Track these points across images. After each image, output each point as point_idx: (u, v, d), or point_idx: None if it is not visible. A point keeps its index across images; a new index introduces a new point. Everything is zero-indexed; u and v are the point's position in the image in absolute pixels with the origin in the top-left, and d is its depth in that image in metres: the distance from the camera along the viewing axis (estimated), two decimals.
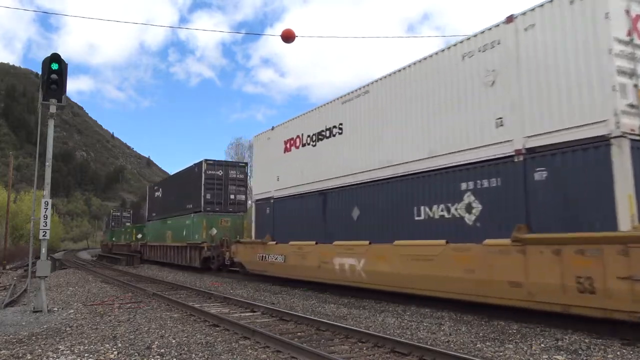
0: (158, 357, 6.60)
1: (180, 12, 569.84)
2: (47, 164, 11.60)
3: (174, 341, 7.57)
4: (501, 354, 6.55)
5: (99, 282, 19.18)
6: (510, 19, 9.13)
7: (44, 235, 11.51)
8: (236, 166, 24.93)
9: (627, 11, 7.84)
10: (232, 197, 23.79)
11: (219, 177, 23.56)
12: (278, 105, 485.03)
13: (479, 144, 9.45)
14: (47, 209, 11.46)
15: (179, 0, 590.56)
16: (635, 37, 7.85)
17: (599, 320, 7.35)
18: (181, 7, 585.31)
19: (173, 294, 14.21)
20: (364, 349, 6.95)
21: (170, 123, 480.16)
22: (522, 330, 8.02)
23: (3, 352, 7.02)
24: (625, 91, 7.57)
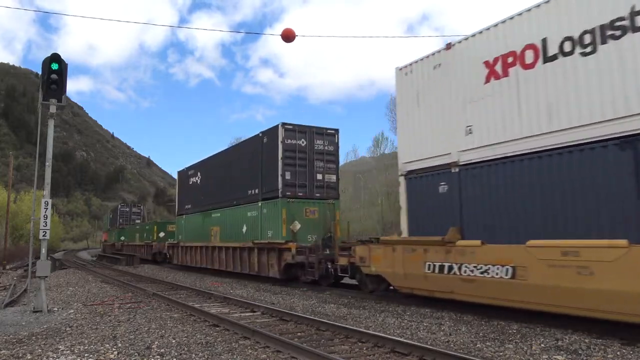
0: (158, 357, 6.60)
1: (180, 13, 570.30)
2: (47, 164, 11.61)
3: (174, 341, 7.57)
4: (501, 354, 6.55)
5: (99, 282, 19.20)
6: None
7: (44, 235, 11.51)
8: (323, 134, 17.47)
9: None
10: (319, 177, 17.15)
11: (301, 149, 16.82)
12: (277, 106, 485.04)
13: None
14: (47, 209, 11.46)
15: (178, 1, 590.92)
16: None
17: (599, 320, 7.41)
18: (181, 7, 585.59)
19: (173, 294, 14.22)
20: (364, 349, 6.96)
21: (170, 123, 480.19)
22: (522, 330, 8.02)
23: (3, 352, 7.02)
24: None
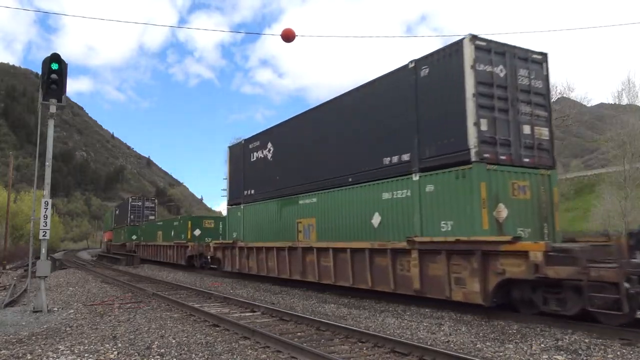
0: (158, 357, 6.60)
1: (180, 14, 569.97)
2: (47, 164, 11.61)
3: (174, 341, 7.57)
4: (501, 354, 6.55)
5: (99, 282, 19.19)
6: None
7: (44, 235, 11.51)
8: (527, 60, 10.60)
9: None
10: (526, 130, 10.36)
11: (501, 83, 10.10)
12: (277, 106, 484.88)
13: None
14: (47, 209, 11.47)
15: (178, 2, 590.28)
16: None
17: (599, 320, 7.46)
18: (180, 8, 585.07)
19: (173, 294, 14.22)
20: (364, 349, 6.96)
21: (170, 123, 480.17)
22: (522, 330, 8.01)
23: (3, 352, 7.02)
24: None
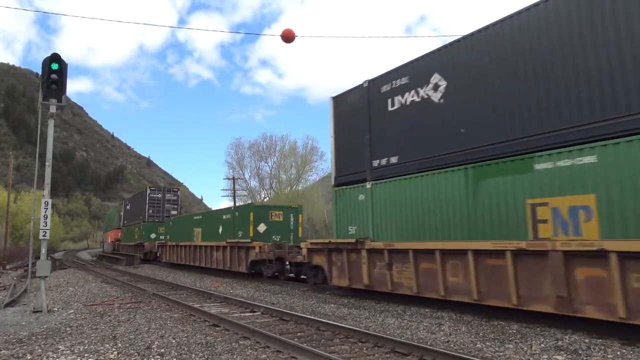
0: (158, 357, 6.60)
1: (179, 14, 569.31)
2: (47, 164, 11.61)
3: (174, 341, 7.57)
4: (501, 354, 6.55)
5: (99, 282, 19.18)
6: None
7: (44, 235, 11.51)
8: None
9: None
10: None
11: None
12: (276, 106, 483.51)
13: None
14: (47, 209, 11.46)
15: (177, 2, 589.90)
16: None
17: (599, 320, 7.41)
18: (180, 8, 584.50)
19: (173, 294, 14.22)
20: (364, 349, 6.96)
21: (170, 124, 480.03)
22: (522, 330, 8.02)
23: (3, 352, 7.02)
24: None
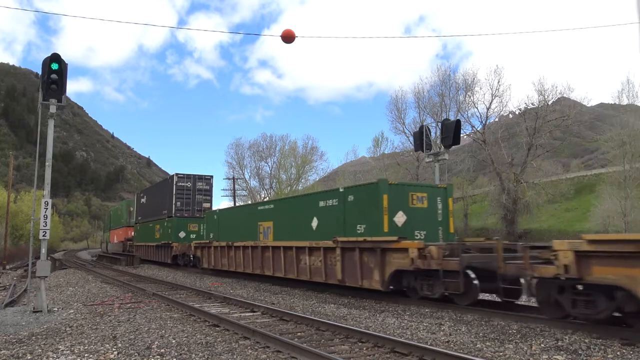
0: (158, 357, 6.60)
1: (179, 14, 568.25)
2: (47, 164, 11.60)
3: (174, 341, 7.57)
4: (501, 354, 6.55)
5: (99, 282, 19.18)
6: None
7: (44, 235, 11.51)
8: None
9: None
10: None
11: None
12: (276, 107, 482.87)
13: None
14: (47, 209, 11.46)
15: (177, 3, 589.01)
16: None
17: (599, 320, 7.46)
18: (179, 9, 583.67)
19: (173, 294, 14.22)
20: (364, 349, 6.96)
21: (170, 124, 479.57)
22: (522, 330, 8.02)
23: (3, 352, 7.02)
24: None
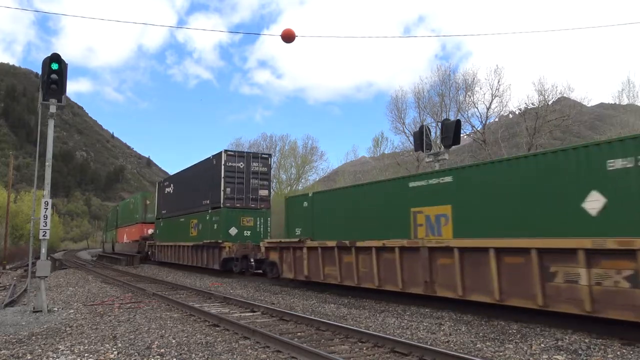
0: (158, 357, 6.60)
1: (178, 15, 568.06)
2: (47, 164, 11.60)
3: (174, 341, 7.57)
4: (501, 354, 6.55)
5: (99, 282, 19.18)
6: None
7: (44, 235, 11.50)
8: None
9: None
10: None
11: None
12: (275, 107, 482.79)
13: None
14: (47, 209, 11.45)
15: (176, 3, 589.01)
16: None
17: (599, 320, 7.45)
18: (179, 9, 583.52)
19: (173, 294, 14.22)
20: (364, 348, 6.96)
21: (170, 124, 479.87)
22: (522, 330, 8.02)
23: (3, 352, 7.02)
24: None
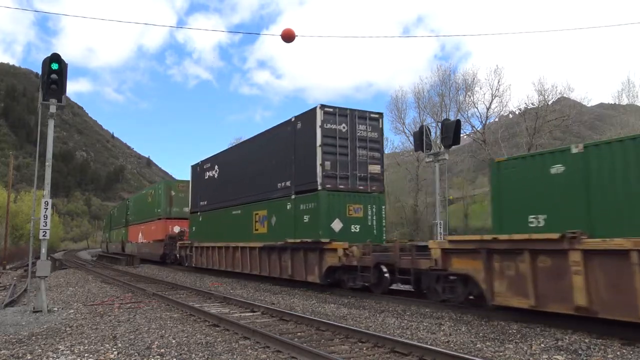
0: (158, 357, 6.60)
1: (178, 15, 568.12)
2: (47, 164, 11.60)
3: (174, 341, 7.57)
4: (501, 354, 6.55)
5: (99, 282, 19.19)
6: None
7: (44, 235, 11.50)
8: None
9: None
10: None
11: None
12: (275, 107, 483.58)
13: None
14: (47, 209, 11.45)
15: (176, 4, 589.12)
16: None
17: (599, 320, 7.44)
18: (179, 10, 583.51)
19: (173, 294, 14.22)
20: (364, 349, 6.96)
21: (170, 124, 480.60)
22: (522, 330, 8.02)
23: (3, 352, 7.02)
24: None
